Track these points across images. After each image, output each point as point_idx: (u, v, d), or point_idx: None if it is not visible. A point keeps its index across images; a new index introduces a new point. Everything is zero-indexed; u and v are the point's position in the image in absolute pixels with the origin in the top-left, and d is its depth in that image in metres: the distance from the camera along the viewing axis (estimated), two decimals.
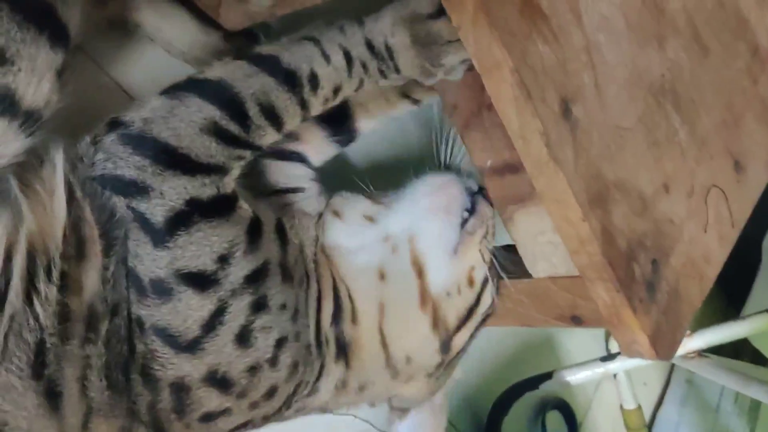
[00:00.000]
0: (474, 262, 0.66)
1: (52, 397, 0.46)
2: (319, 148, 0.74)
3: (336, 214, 0.68)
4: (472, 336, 0.69)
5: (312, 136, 0.73)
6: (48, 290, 0.47)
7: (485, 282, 0.67)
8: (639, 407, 1.37)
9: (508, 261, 0.69)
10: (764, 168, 0.78)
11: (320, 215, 0.68)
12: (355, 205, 0.68)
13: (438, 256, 0.64)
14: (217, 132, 0.53)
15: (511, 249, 0.70)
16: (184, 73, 0.74)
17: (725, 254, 0.72)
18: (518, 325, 0.77)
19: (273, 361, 0.56)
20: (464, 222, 0.66)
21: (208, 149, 0.53)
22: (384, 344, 0.65)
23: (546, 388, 1.21)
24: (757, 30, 0.81)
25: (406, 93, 0.75)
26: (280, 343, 0.56)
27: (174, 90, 0.54)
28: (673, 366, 1.63)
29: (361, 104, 0.74)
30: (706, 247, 0.69)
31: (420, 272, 0.64)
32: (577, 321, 0.69)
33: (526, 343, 1.28)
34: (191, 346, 0.52)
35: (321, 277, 0.63)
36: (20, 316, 0.45)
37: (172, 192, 0.51)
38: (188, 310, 0.51)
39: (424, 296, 0.64)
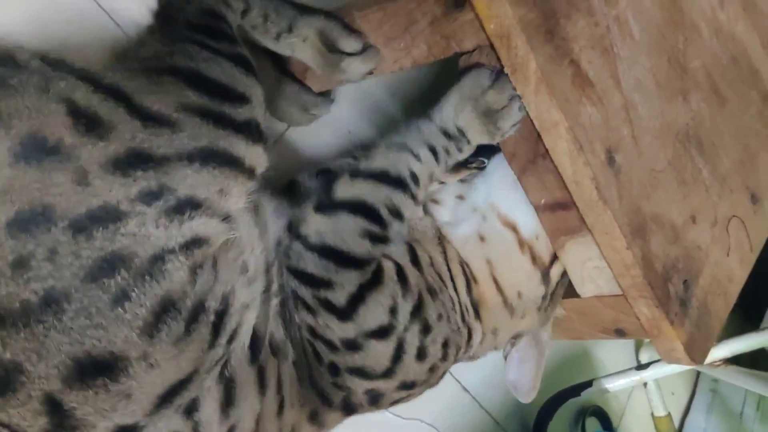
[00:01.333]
0: None
1: (261, 380, 0.62)
2: None
3: (435, 201, 0.83)
4: (562, 279, 0.82)
5: None
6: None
7: None
8: (669, 414, 1.48)
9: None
10: None
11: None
12: (447, 189, 0.84)
13: (522, 210, 0.77)
14: (368, 235, 0.69)
15: None
16: None
17: (746, 274, 0.83)
18: (567, 338, 0.88)
19: (444, 357, 0.73)
20: None
21: (367, 248, 0.68)
22: (499, 289, 0.79)
23: (586, 395, 1.32)
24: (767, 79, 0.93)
25: None
26: (446, 344, 0.72)
27: (326, 209, 0.70)
28: (698, 376, 1.74)
29: None
30: (729, 269, 0.80)
31: (513, 228, 0.79)
32: (620, 333, 0.80)
33: (564, 356, 1.39)
34: (384, 375, 0.69)
35: (450, 260, 0.78)
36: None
37: (347, 282, 0.66)
38: (376, 355, 0.67)
39: (521, 243, 0.79)
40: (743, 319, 1.53)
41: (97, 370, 0.47)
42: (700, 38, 0.82)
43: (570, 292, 0.81)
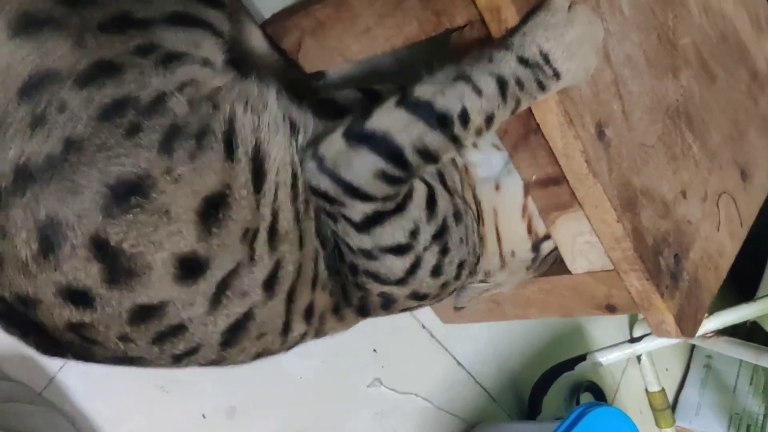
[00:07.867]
0: None
1: (298, 226, 0.66)
2: None
3: (473, 144, 0.79)
4: (547, 257, 0.84)
5: None
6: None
7: None
8: (662, 390, 1.49)
9: None
10: (767, 175, 0.91)
11: None
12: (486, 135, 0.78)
13: None
14: (385, 177, 0.65)
15: None
16: None
17: (736, 249, 0.84)
18: (559, 315, 0.89)
19: (457, 276, 0.76)
20: None
21: (381, 188, 0.65)
22: (498, 239, 0.82)
23: (580, 370, 1.33)
24: (757, 57, 0.94)
25: None
26: (461, 265, 0.76)
27: (351, 137, 0.65)
28: (692, 352, 1.76)
29: None
30: (719, 243, 0.81)
31: (527, 193, 0.79)
32: (611, 309, 0.81)
33: (558, 332, 1.40)
34: (397, 283, 0.71)
35: (465, 190, 0.80)
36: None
37: (359, 208, 0.66)
38: (392, 266, 0.70)
39: (524, 209, 0.80)
40: (738, 293, 1.56)
41: (129, 191, 0.53)
42: (690, 15, 0.83)
43: (561, 270, 0.82)
